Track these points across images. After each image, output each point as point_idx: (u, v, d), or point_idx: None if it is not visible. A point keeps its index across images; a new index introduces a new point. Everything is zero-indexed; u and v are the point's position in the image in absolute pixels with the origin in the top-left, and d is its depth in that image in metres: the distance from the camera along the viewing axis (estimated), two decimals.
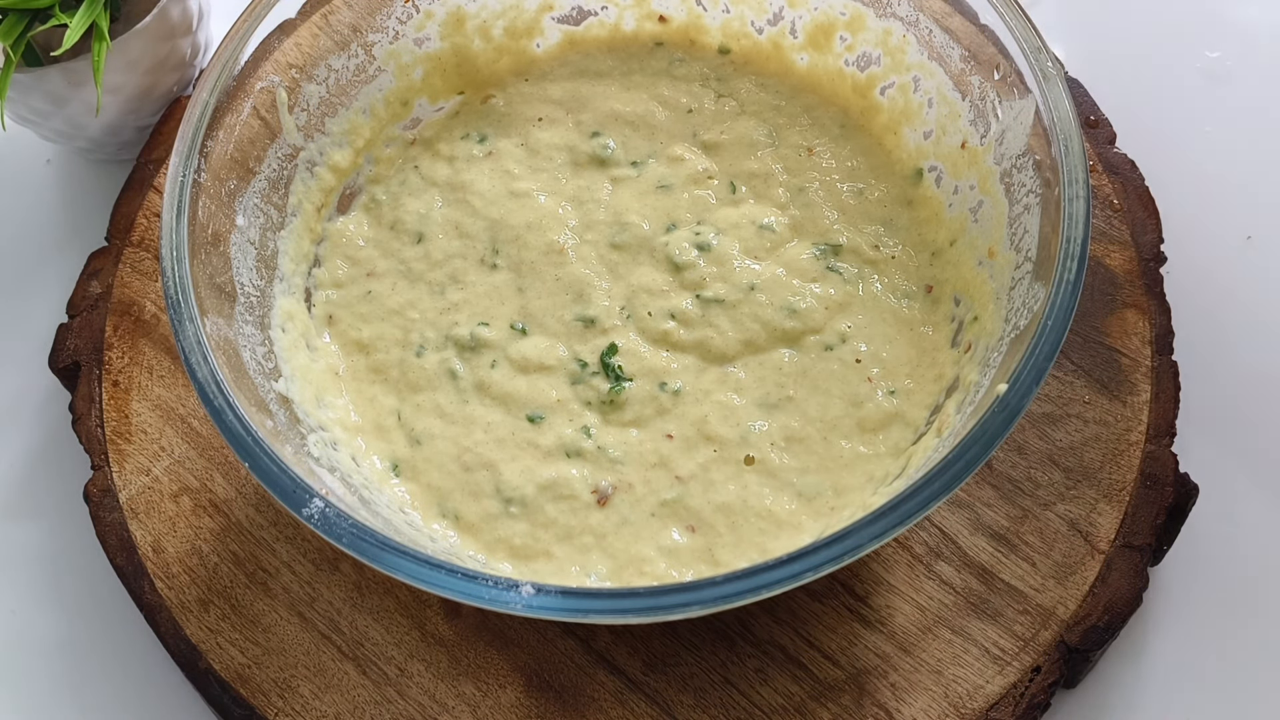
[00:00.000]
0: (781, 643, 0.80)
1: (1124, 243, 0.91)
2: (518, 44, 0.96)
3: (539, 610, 0.64)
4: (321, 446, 0.78)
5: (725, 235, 0.88)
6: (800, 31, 0.93)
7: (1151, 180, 0.94)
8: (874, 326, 0.85)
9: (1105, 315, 0.88)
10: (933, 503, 0.65)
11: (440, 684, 0.80)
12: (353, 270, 0.90)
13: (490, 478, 0.81)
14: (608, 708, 0.79)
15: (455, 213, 0.91)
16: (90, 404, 0.89)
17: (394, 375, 0.86)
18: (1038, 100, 0.76)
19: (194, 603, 0.83)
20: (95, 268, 0.95)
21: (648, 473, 0.81)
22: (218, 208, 0.80)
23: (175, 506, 0.86)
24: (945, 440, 0.73)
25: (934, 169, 0.88)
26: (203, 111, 0.80)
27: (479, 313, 0.87)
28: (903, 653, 0.79)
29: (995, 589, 0.80)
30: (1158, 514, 0.82)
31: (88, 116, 0.96)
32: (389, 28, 0.92)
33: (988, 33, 0.80)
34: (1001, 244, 0.80)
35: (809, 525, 0.79)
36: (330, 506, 0.67)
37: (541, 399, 0.84)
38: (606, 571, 0.78)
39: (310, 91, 0.88)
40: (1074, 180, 0.73)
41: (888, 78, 0.90)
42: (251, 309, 0.81)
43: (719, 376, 0.84)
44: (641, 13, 0.96)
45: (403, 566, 0.66)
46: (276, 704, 0.80)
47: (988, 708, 0.77)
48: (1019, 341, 0.71)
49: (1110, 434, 0.84)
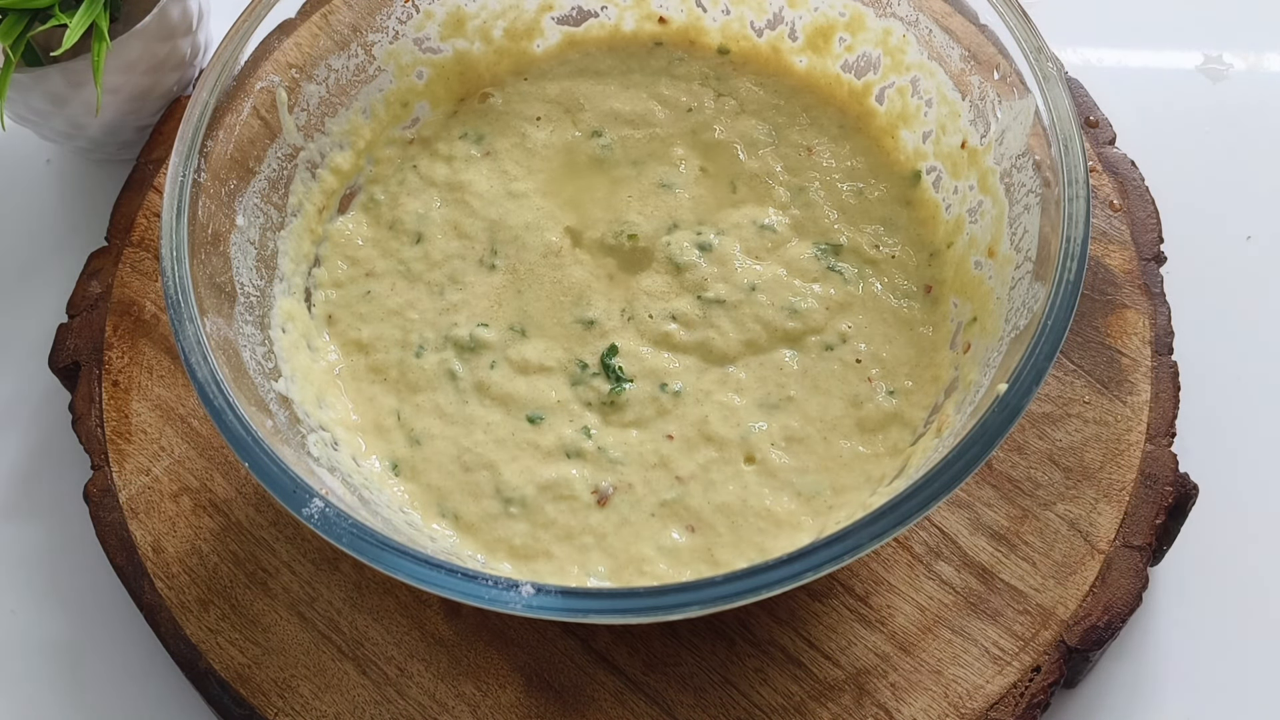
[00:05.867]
0: (781, 643, 0.80)
1: (1124, 242, 0.91)
2: (518, 45, 0.96)
3: (539, 610, 0.64)
4: (321, 446, 0.78)
5: (726, 235, 0.88)
6: (800, 33, 0.93)
7: (1151, 180, 0.94)
8: (874, 326, 0.85)
9: (1105, 315, 0.88)
10: (933, 503, 0.65)
11: (440, 684, 0.80)
12: (352, 270, 0.90)
13: (490, 478, 0.81)
14: (608, 708, 0.79)
15: (454, 213, 0.91)
16: (90, 404, 0.89)
17: (393, 375, 0.86)
18: (1037, 100, 0.76)
19: (194, 603, 0.83)
20: (95, 268, 0.95)
21: (648, 473, 0.81)
22: (218, 208, 0.80)
23: (175, 506, 0.86)
24: (945, 440, 0.73)
25: (933, 170, 0.88)
26: (203, 111, 0.80)
27: (478, 313, 0.87)
28: (903, 653, 0.79)
29: (995, 589, 0.80)
30: (1158, 514, 0.82)
31: (88, 116, 0.96)
32: (389, 28, 0.92)
33: (988, 33, 0.80)
34: (1001, 244, 0.80)
35: (807, 525, 0.79)
36: (330, 506, 0.67)
37: (541, 400, 0.84)
38: (606, 571, 0.78)
39: (310, 91, 0.88)
40: (1074, 180, 0.73)
41: (887, 79, 0.90)
42: (251, 309, 0.81)
43: (720, 377, 0.84)
44: (641, 13, 0.96)
45: (403, 566, 0.66)
46: (276, 704, 0.80)
47: (988, 708, 0.77)
48: (1019, 341, 0.71)
49: (1110, 434, 0.84)
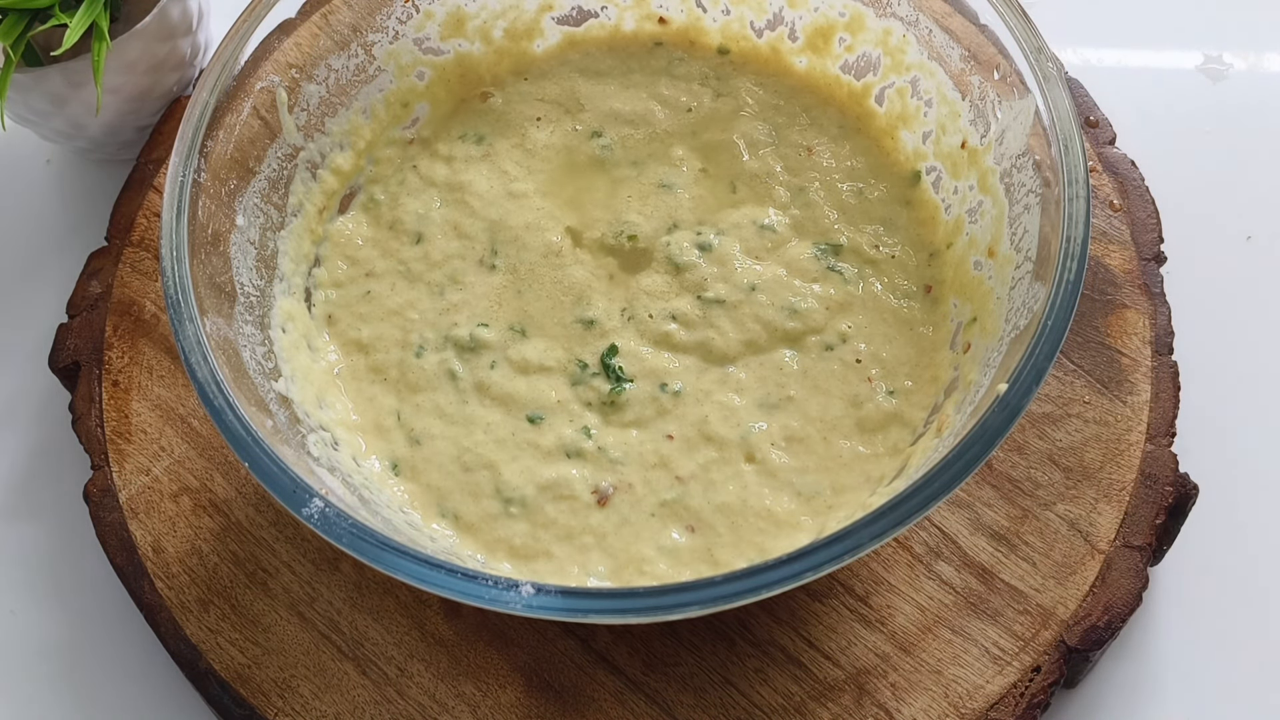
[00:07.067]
0: (781, 643, 0.80)
1: (1124, 242, 0.91)
2: (518, 45, 0.96)
3: (539, 610, 0.64)
4: (321, 447, 0.78)
5: (726, 235, 0.88)
6: (800, 33, 0.93)
7: (1151, 180, 0.94)
8: (874, 326, 0.85)
9: (1105, 315, 0.88)
10: (933, 503, 0.65)
11: (440, 684, 0.80)
12: (352, 270, 0.90)
13: (490, 478, 0.81)
14: (608, 708, 0.79)
15: (454, 213, 0.91)
16: (90, 404, 0.89)
17: (394, 375, 0.86)
18: (1037, 100, 0.76)
19: (194, 603, 0.83)
20: (95, 268, 0.95)
21: (648, 473, 0.81)
22: (218, 208, 0.80)
23: (175, 506, 0.86)
24: (945, 440, 0.73)
25: (933, 170, 0.88)
26: (203, 111, 0.80)
27: (478, 314, 0.87)
28: (903, 653, 0.79)
29: (995, 589, 0.80)
30: (1158, 514, 0.82)
31: (88, 116, 0.96)
32: (389, 28, 0.92)
33: (988, 33, 0.80)
34: (1001, 244, 0.80)
35: (807, 525, 0.79)
36: (330, 506, 0.67)
37: (542, 400, 0.84)
38: (606, 571, 0.78)
39: (310, 91, 0.88)
40: (1074, 180, 0.73)
41: (887, 79, 0.90)
42: (251, 309, 0.81)
43: (720, 377, 0.84)
44: (641, 14, 0.96)
45: (403, 566, 0.66)
46: (276, 704, 0.80)
47: (988, 708, 0.77)
48: (1019, 341, 0.71)
49: (1110, 434, 0.84)
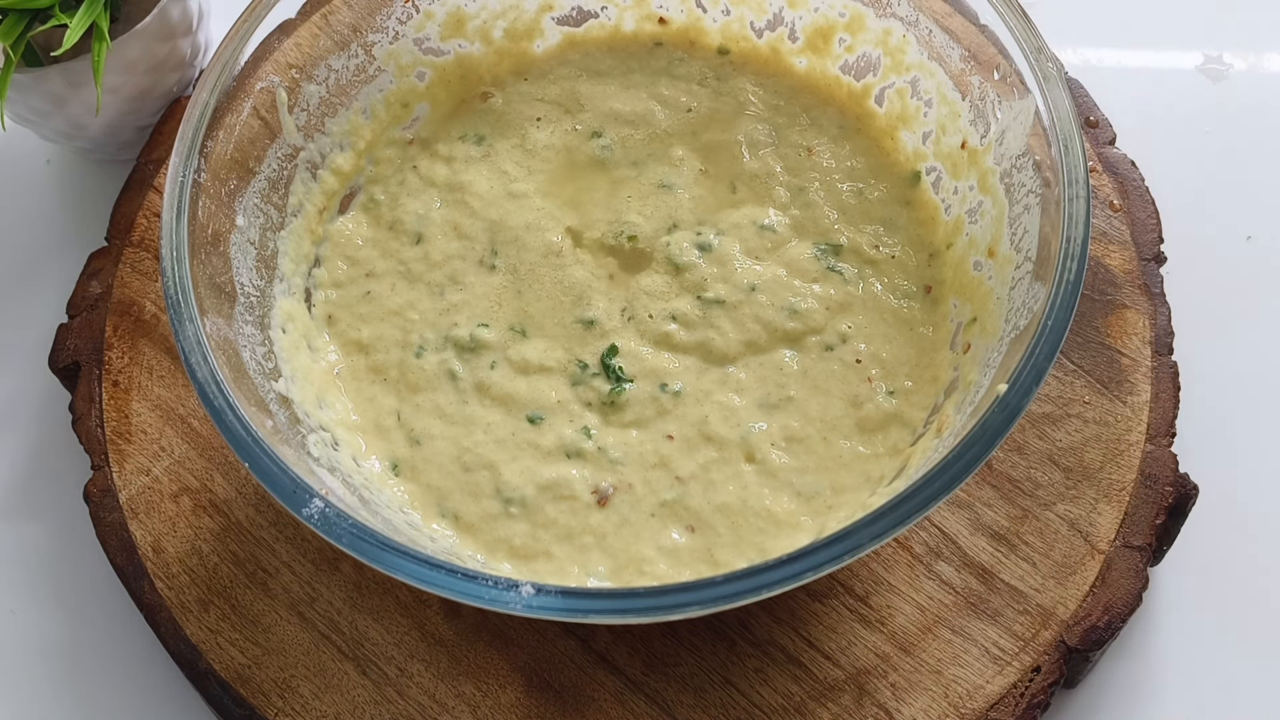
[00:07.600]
0: (781, 643, 0.80)
1: (1124, 242, 0.91)
2: (518, 45, 0.96)
3: (539, 610, 0.64)
4: (321, 447, 0.78)
5: (726, 235, 0.88)
6: (800, 34, 0.93)
7: (1151, 180, 0.94)
8: (874, 327, 0.85)
9: (1105, 315, 0.88)
10: (933, 503, 0.65)
11: (440, 684, 0.80)
12: (352, 270, 0.90)
13: (490, 478, 0.81)
14: (608, 708, 0.79)
15: (454, 213, 0.91)
16: (90, 404, 0.89)
17: (394, 375, 0.86)
18: (1037, 100, 0.76)
19: (194, 603, 0.83)
20: (95, 268, 0.95)
21: (648, 473, 0.81)
22: (218, 208, 0.80)
23: (175, 506, 0.86)
24: (945, 440, 0.73)
25: (933, 170, 0.88)
26: (203, 111, 0.80)
27: (478, 314, 0.87)
28: (903, 653, 0.79)
29: (995, 589, 0.80)
30: (1158, 514, 0.82)
31: (88, 116, 0.96)
32: (389, 28, 0.92)
33: (988, 33, 0.80)
34: (1001, 244, 0.80)
35: (807, 525, 0.79)
36: (330, 506, 0.67)
37: (542, 400, 0.84)
38: (606, 571, 0.78)
39: (310, 91, 0.88)
40: (1074, 180, 0.73)
41: (887, 79, 0.90)
42: (251, 309, 0.81)
43: (720, 377, 0.84)
44: (641, 14, 0.96)
45: (403, 566, 0.66)
46: (276, 704, 0.80)
47: (988, 708, 0.77)
48: (1019, 341, 0.71)
49: (1110, 434, 0.84)
